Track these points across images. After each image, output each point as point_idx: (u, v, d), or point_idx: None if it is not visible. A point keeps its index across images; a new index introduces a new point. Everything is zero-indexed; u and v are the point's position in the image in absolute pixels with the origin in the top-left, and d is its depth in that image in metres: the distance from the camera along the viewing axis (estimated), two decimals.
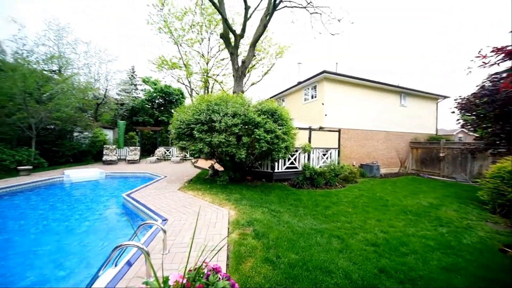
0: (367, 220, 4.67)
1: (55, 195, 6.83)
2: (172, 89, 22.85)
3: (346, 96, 12.04)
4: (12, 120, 9.89)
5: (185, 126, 6.17)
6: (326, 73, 10.92)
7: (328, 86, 11.47)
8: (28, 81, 9.85)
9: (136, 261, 2.62)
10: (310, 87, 12.79)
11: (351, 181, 8.55)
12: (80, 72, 15.84)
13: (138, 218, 4.72)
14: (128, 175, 10.09)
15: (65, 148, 12.27)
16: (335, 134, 9.70)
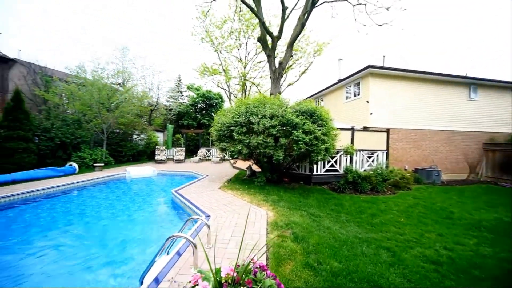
0: (425, 233, 4.06)
1: (119, 188, 8.07)
2: (212, 94, 24.42)
3: (395, 92, 10.78)
4: (91, 125, 12.15)
5: (225, 129, 6.51)
6: (372, 68, 9.99)
7: (374, 82, 10.47)
8: (102, 93, 11.95)
9: (185, 252, 2.87)
10: (352, 84, 11.91)
11: (403, 188, 7.57)
12: (138, 83, 18.42)
13: (184, 213, 5.17)
14: (175, 173, 11.18)
15: (127, 149, 14.40)
16: (382, 134, 8.76)
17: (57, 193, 6.69)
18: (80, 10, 42.92)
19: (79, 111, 12.19)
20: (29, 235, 4.04)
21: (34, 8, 40.58)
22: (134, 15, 52.24)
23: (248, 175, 8.52)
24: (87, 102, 11.76)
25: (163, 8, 55.09)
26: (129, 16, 51.21)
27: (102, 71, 13.91)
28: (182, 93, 27.29)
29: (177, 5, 33.02)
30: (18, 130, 8.54)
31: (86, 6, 40.76)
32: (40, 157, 9.61)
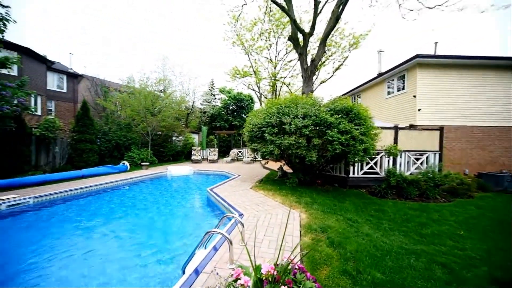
0: (494, 250, 3.41)
1: (162, 185, 8.89)
2: (243, 96, 25.03)
3: (450, 84, 9.38)
4: (138, 128, 13.72)
5: (257, 129, 6.60)
6: (420, 58, 8.91)
7: (423, 73, 9.31)
8: (147, 100, 13.39)
9: (221, 247, 3.01)
10: (395, 77, 10.80)
11: (462, 195, 6.51)
12: (176, 89, 20.06)
13: (218, 210, 5.42)
14: (209, 172, 11.81)
15: (168, 149, 15.80)
16: (433, 133, 7.70)
17: (114, 187, 7.75)
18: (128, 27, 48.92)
19: (129, 116, 13.91)
20: (93, 220, 4.77)
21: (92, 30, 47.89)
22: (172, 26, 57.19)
23: (279, 176, 8.46)
24: (136, 108, 13.33)
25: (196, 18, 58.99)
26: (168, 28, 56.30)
27: (147, 80, 15.62)
28: (215, 96, 28.68)
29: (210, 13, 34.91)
30: (85, 134, 10.19)
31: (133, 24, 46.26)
32: (100, 156, 11.27)
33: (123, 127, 13.42)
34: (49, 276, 2.87)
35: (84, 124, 10.31)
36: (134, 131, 13.82)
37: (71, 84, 18.74)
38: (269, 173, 10.15)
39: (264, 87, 23.10)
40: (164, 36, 54.89)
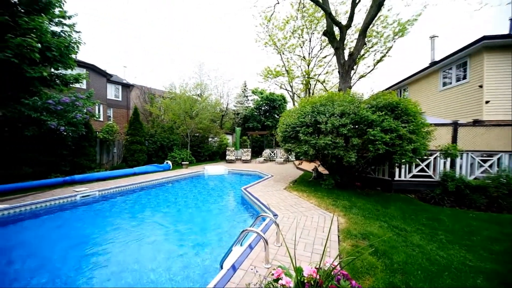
0: None
1: (200, 183, 9.50)
2: (276, 96, 24.96)
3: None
4: (179, 131, 14.97)
5: (290, 129, 6.49)
6: (487, 40, 7.48)
7: (491, 58, 7.81)
8: (186, 104, 14.50)
9: (256, 246, 3.05)
10: (453, 66, 9.32)
11: None
12: (212, 92, 21.20)
13: (252, 209, 5.51)
14: (243, 172, 12.12)
15: (204, 150, 16.81)
16: (507, 130, 6.36)
17: (159, 184, 8.62)
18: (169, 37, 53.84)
19: (171, 119, 15.29)
20: (143, 213, 5.40)
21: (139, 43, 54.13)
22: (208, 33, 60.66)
23: (314, 177, 8.16)
24: (177, 112, 14.58)
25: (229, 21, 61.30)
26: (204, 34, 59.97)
27: (186, 85, 16.93)
28: (247, 98, 29.35)
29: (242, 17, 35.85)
30: (136, 136, 11.60)
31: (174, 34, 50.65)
32: (148, 156, 12.67)
33: (166, 130, 14.82)
34: (111, 259, 3.36)
35: (135, 128, 11.75)
36: (175, 133, 15.13)
37: (125, 93, 21.63)
38: (303, 174, 9.87)
39: (296, 86, 22.61)
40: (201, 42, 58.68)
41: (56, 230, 4.48)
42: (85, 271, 3.05)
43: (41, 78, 6.93)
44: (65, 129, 7.02)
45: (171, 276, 2.88)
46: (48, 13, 7.05)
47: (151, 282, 2.77)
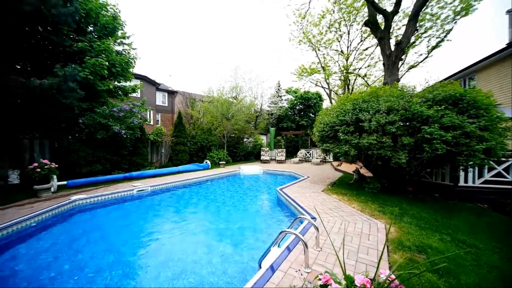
0: None
1: (236, 182, 9.83)
2: (310, 94, 24.09)
3: None
4: (216, 132, 15.81)
5: (328, 129, 6.17)
6: None
7: None
8: (223, 107, 15.22)
9: (294, 248, 2.98)
10: None
11: None
12: (246, 94, 21.72)
13: (289, 210, 5.42)
14: (277, 172, 12.05)
15: (240, 150, 17.34)
16: None
17: (199, 182, 9.26)
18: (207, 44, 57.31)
19: (209, 121, 16.27)
20: (186, 208, 5.87)
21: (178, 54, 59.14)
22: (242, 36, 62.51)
23: (355, 180, 7.56)
24: (214, 114, 15.43)
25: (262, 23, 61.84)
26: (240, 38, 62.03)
27: (222, 89, 17.78)
28: (281, 98, 29.10)
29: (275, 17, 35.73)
30: (180, 138, 12.73)
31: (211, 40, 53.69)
32: (190, 156, 13.75)
33: (205, 131, 15.82)
34: (160, 247, 3.75)
35: (179, 130, 12.90)
36: (213, 135, 16.03)
37: (170, 99, 24.00)
38: (342, 176, 9.25)
39: (334, 83, 21.40)
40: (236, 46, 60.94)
41: (119, 219, 5.25)
42: (140, 257, 3.48)
43: (108, 90, 8.26)
44: (125, 132, 8.19)
45: (212, 270, 3.05)
46: (113, 35, 8.34)
47: (194, 273, 2.98)
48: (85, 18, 7.68)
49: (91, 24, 8.02)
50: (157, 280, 2.83)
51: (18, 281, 2.78)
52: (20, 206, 4.97)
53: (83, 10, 7.40)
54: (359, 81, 21.91)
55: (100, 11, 7.98)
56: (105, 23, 8.05)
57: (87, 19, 7.75)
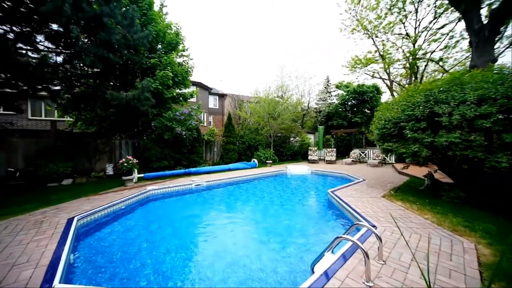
0: None
1: (283, 182, 9.75)
2: (365, 87, 21.62)
3: None
4: (263, 132, 16.10)
5: (391, 125, 5.37)
6: None
7: None
8: (270, 106, 15.36)
9: (351, 257, 2.72)
10: None
11: None
12: (293, 92, 21.26)
13: (341, 215, 5.00)
14: (327, 173, 11.32)
15: (286, 149, 17.15)
16: None
17: (247, 180, 9.63)
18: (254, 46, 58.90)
19: (256, 121, 16.71)
20: (236, 203, 6.19)
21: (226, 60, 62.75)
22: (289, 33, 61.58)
23: (426, 186, 6.34)
24: (261, 114, 15.75)
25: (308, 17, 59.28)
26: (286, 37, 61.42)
27: (268, 89, 17.95)
28: (330, 94, 27.21)
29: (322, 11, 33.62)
30: (230, 138, 13.57)
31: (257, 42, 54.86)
32: (238, 155, 14.47)
33: (253, 131, 16.35)
34: (214, 238, 4.07)
35: (229, 130, 13.76)
36: (260, 134, 16.40)
37: (220, 102, 25.90)
38: (409, 180, 7.91)
39: (396, 72, 18.57)
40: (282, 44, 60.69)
41: (181, 208, 6.00)
42: (198, 244, 3.87)
43: (172, 97, 9.57)
44: (185, 133, 9.31)
45: (261, 266, 3.10)
46: (176, 49, 9.61)
47: (244, 266, 3.10)
48: (155, 38, 9.13)
49: (160, 42, 9.48)
50: (212, 267, 3.08)
51: (114, 250, 3.53)
52: (114, 192, 6.31)
53: (154, 31, 8.81)
54: (430, 67, 18.32)
55: (166, 30, 9.32)
56: (170, 40, 9.36)
57: (157, 38, 9.20)
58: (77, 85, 8.29)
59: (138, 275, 2.90)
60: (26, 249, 2.97)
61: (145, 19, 8.90)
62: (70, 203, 5.16)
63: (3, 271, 2.47)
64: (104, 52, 6.37)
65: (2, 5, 5.27)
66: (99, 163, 9.01)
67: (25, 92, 7.14)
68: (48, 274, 2.40)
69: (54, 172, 7.16)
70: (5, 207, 4.78)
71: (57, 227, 3.69)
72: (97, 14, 6.04)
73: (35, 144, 7.88)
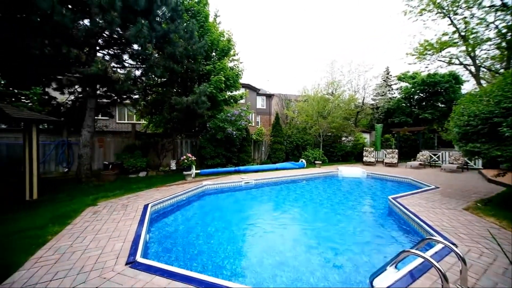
0: None
1: (334, 184, 9.13)
2: (439, 77, 17.98)
3: None
4: (311, 131, 15.47)
5: (478, 122, 4.30)
6: None
7: None
8: (319, 104, 14.64)
9: (421, 277, 2.33)
10: None
11: None
12: (345, 88, 19.60)
13: (406, 226, 4.32)
14: (387, 177, 9.96)
15: (337, 150, 15.99)
16: None
17: (295, 180, 9.45)
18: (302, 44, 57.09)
19: (304, 121, 16.20)
20: (284, 203, 6.17)
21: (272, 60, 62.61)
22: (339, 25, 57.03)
23: None
24: (310, 113, 15.17)
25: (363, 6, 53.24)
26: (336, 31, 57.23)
27: (317, 86, 17.11)
28: (391, 87, 23.80)
29: None
30: (277, 137, 13.63)
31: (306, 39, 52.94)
32: (286, 154, 14.37)
33: (301, 130, 15.92)
34: (263, 235, 4.17)
35: (276, 130, 13.84)
36: (308, 133, 15.82)
37: (268, 102, 26.30)
38: (505, 192, 6.14)
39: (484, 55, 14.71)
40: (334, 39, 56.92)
41: (232, 204, 6.41)
42: (247, 239, 4.04)
43: (224, 100, 10.33)
44: (235, 133, 9.89)
45: (311, 269, 2.99)
46: (228, 55, 10.33)
47: (293, 267, 3.06)
48: (210, 46, 10.05)
49: (214, 50, 10.38)
50: (261, 263, 3.17)
51: (178, 236, 4.08)
52: (176, 185, 7.28)
53: (209, 41, 9.71)
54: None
55: (220, 38, 10.13)
56: (223, 46, 10.13)
57: (212, 46, 10.10)
58: (150, 93, 9.96)
59: (195, 260, 3.26)
60: (117, 226, 3.76)
61: (202, 31, 9.91)
62: (145, 192, 6.25)
63: (105, 241, 3.21)
64: (170, 64, 7.43)
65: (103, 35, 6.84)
66: (165, 159, 10.55)
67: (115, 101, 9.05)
68: (132, 248, 2.97)
69: (134, 166, 8.80)
70: (103, 191, 6.18)
71: (137, 211, 4.52)
72: (165, 31, 7.09)
73: (121, 142, 9.88)
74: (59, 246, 3.02)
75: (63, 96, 8.85)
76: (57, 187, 6.64)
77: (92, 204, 4.98)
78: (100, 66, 5.79)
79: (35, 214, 4.30)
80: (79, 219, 4.10)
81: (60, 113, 8.74)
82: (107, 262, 2.63)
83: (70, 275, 2.35)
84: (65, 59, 5.89)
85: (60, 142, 8.57)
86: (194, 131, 11.32)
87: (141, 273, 2.39)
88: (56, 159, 8.60)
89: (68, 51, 5.46)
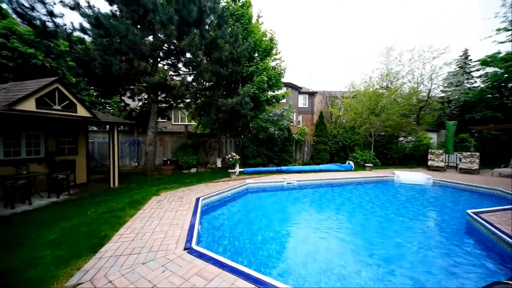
0: None
1: (389, 190, 8.04)
2: None
3: None
4: (361, 130, 14.05)
5: None
6: None
7: None
8: (370, 100, 13.15)
9: None
10: None
11: None
12: (405, 80, 16.98)
13: (495, 250, 3.42)
14: (462, 186, 8.15)
15: (392, 152, 14.04)
16: None
17: (341, 183, 8.76)
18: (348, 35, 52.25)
19: (351, 119, 14.83)
20: (330, 207, 5.78)
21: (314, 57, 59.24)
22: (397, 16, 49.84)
23: None
24: (359, 111, 13.79)
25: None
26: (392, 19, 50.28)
27: (369, 79, 15.38)
28: (470, 75, 19.33)
29: None
30: (321, 137, 12.93)
31: None
32: (330, 155, 13.49)
33: (348, 130, 14.65)
34: (307, 238, 4.00)
35: (320, 129, 13.13)
36: (356, 133, 14.40)
37: (310, 100, 25.23)
38: None
39: None
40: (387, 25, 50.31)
41: (274, 203, 6.41)
42: (290, 240, 3.96)
43: (266, 100, 10.43)
44: (277, 133, 9.87)
45: (362, 283, 2.71)
46: (270, 54, 10.38)
47: (337, 275, 2.84)
48: (253, 48, 10.30)
49: (256, 51, 10.60)
50: (305, 267, 3.05)
51: (224, 229, 4.33)
52: (222, 181, 7.76)
53: (252, 42, 9.96)
54: None
55: (262, 38, 10.26)
56: (265, 46, 10.24)
57: (255, 48, 10.34)
58: (199, 97, 10.91)
59: (241, 254, 3.39)
60: (176, 215, 4.25)
61: (246, 33, 10.24)
62: (197, 186, 6.89)
63: (167, 227, 3.70)
64: (217, 68, 7.96)
65: (163, 48, 7.86)
66: (212, 157, 11.40)
67: (171, 105, 10.28)
68: (188, 236, 3.31)
69: (186, 163, 9.82)
70: (163, 184, 7.11)
71: (191, 203, 5.02)
72: (213, 38, 7.63)
73: (176, 142, 11.18)
74: (134, 227, 3.68)
75: (134, 103, 10.61)
76: (130, 178, 8.01)
77: (155, 194, 5.81)
78: (162, 75, 6.70)
79: (118, 199, 5.35)
80: (147, 205, 4.85)
81: (132, 117, 10.52)
82: (169, 245, 3.04)
83: (143, 252, 2.86)
84: (136, 72, 7.04)
85: (132, 141, 10.33)
86: (238, 131, 11.83)
87: (196, 259, 2.66)
88: (129, 155, 10.41)
89: (138, 64, 6.52)
